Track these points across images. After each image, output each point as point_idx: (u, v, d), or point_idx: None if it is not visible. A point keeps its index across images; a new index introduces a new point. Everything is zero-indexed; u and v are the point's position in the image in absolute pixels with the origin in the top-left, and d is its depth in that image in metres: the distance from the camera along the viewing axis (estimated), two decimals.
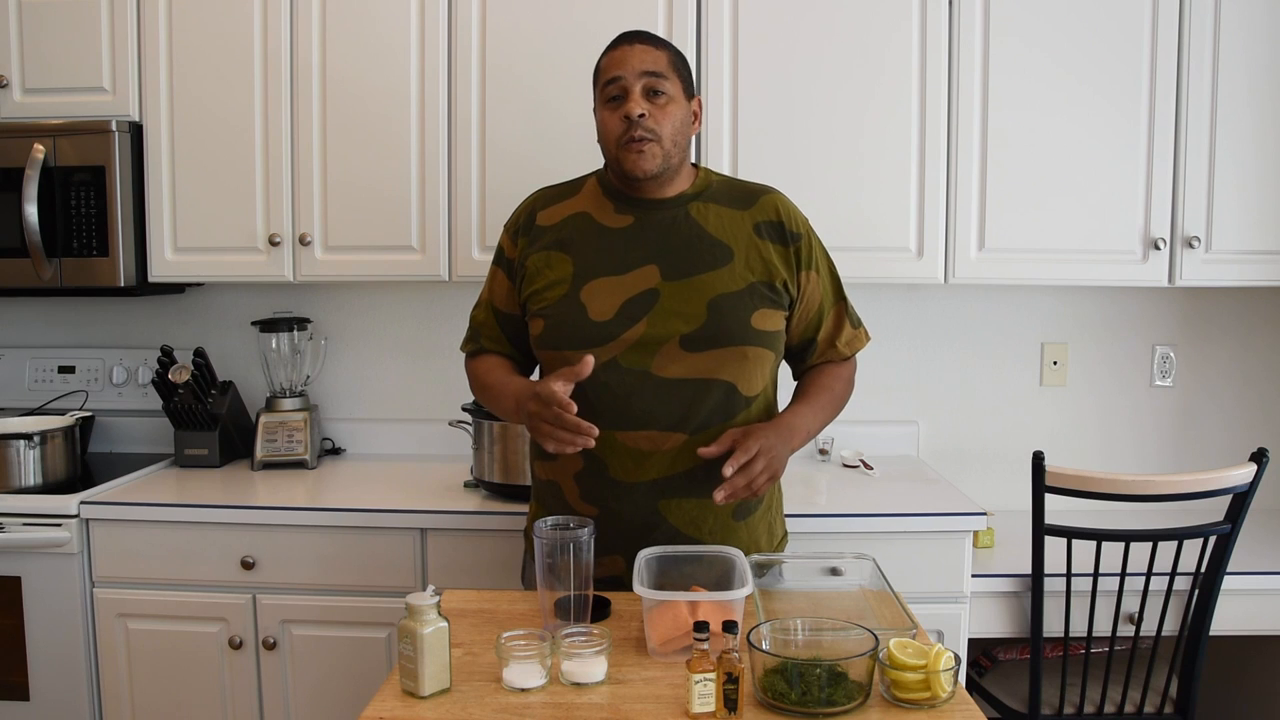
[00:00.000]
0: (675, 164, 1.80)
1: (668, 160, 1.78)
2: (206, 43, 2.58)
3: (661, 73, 1.77)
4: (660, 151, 1.76)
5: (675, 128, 1.78)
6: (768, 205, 1.85)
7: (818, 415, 1.86)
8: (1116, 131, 2.53)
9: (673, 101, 1.78)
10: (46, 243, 2.57)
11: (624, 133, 1.75)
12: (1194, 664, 2.28)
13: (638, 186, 1.81)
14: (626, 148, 1.75)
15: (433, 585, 1.65)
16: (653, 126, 1.74)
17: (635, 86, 1.75)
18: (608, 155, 1.82)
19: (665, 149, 1.77)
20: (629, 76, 1.75)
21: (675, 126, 1.78)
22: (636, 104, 1.74)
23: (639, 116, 1.73)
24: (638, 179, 1.78)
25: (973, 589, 2.34)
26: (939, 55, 2.51)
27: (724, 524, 1.80)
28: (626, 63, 1.76)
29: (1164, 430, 2.93)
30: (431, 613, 1.40)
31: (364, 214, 2.60)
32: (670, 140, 1.77)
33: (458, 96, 2.56)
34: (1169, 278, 2.56)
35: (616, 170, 1.81)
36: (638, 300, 1.76)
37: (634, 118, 1.73)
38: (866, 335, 1.96)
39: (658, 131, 1.75)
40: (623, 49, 1.79)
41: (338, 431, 2.97)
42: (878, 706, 1.37)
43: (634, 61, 1.76)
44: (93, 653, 2.41)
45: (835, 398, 1.91)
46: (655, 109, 1.75)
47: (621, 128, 1.75)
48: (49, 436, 2.53)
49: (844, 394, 1.94)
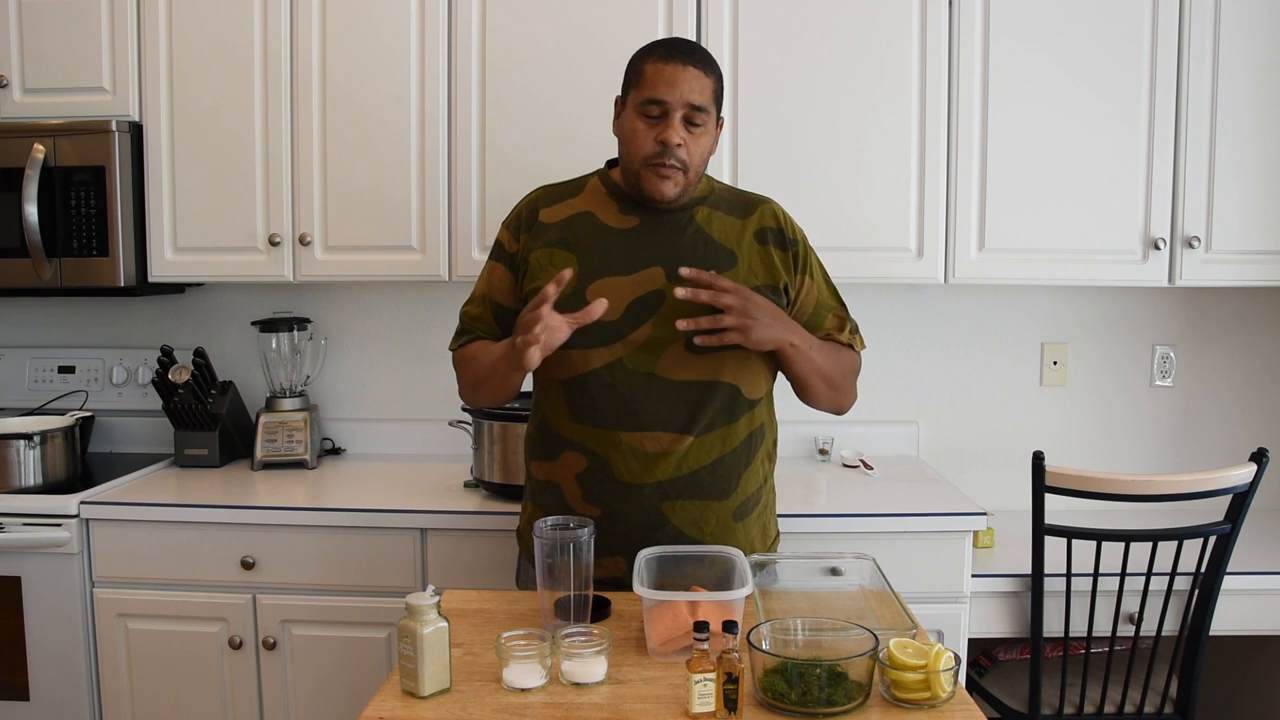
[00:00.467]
0: (691, 191, 1.81)
1: (687, 190, 1.79)
2: (206, 43, 2.58)
3: (704, 106, 1.74)
4: (684, 180, 1.76)
5: (703, 156, 1.78)
6: (766, 213, 1.87)
7: (817, 346, 1.81)
8: (1117, 131, 2.53)
9: (706, 134, 1.77)
10: (46, 243, 2.57)
11: (653, 155, 1.74)
12: (1194, 664, 2.28)
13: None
14: (653, 169, 1.74)
15: (433, 585, 1.65)
16: (684, 158, 1.74)
17: (677, 114, 1.72)
18: (629, 166, 1.79)
19: (689, 179, 1.77)
20: (674, 104, 1.72)
21: (703, 155, 1.78)
22: (675, 133, 1.72)
23: (676, 146, 1.72)
24: (655, 202, 1.78)
25: (973, 589, 2.34)
26: (939, 55, 2.51)
27: (725, 525, 1.81)
28: (676, 88, 1.72)
29: (1164, 430, 2.93)
30: (431, 613, 1.40)
31: (364, 214, 2.60)
32: (695, 171, 1.78)
33: (458, 96, 2.55)
34: (1169, 278, 2.56)
35: (633, 184, 1.80)
36: (645, 301, 1.76)
37: (671, 146, 1.72)
38: (862, 342, 1.95)
39: (688, 163, 1.75)
40: (674, 67, 1.72)
41: (338, 431, 2.97)
42: (878, 706, 1.37)
43: (683, 89, 1.72)
44: (93, 653, 2.41)
45: (836, 358, 1.86)
46: (690, 139, 1.74)
47: (653, 149, 1.74)
48: (49, 436, 2.53)
49: (845, 367, 1.89)
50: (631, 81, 1.78)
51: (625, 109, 1.79)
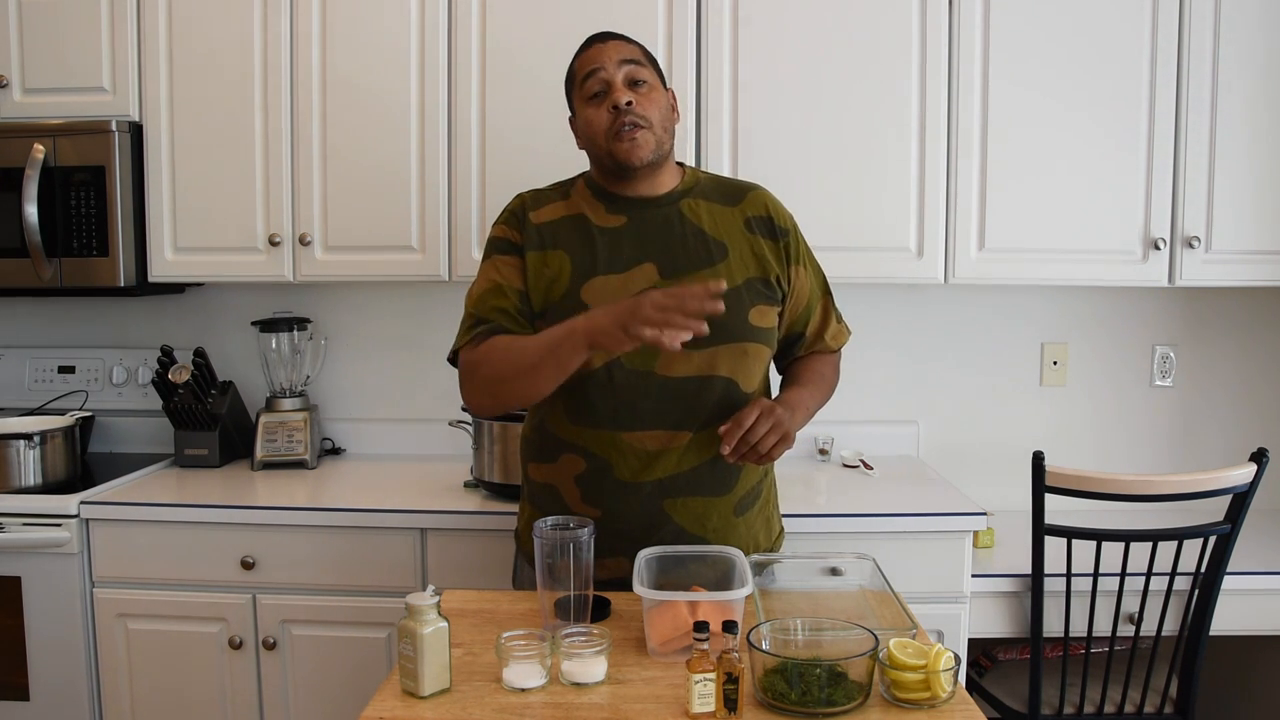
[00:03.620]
0: (666, 151, 1.81)
1: (660, 147, 1.78)
2: (206, 43, 2.58)
3: (639, 60, 1.79)
4: (653, 138, 1.76)
5: (662, 113, 1.79)
6: (756, 201, 1.86)
7: (815, 396, 1.88)
8: (1117, 131, 2.52)
9: (654, 89, 1.79)
10: (46, 243, 2.57)
11: (613, 123, 1.75)
12: (1194, 664, 2.28)
13: (629, 183, 1.80)
14: (618, 137, 1.75)
15: (433, 585, 1.64)
16: (642, 113, 1.75)
17: (617, 76, 1.76)
18: (597, 151, 1.80)
19: (657, 135, 1.77)
20: (609, 66, 1.76)
21: (662, 112, 1.79)
22: (623, 92, 1.75)
23: (627, 104, 1.74)
24: (633, 167, 1.76)
25: (973, 589, 2.34)
26: (939, 54, 2.51)
27: (726, 520, 1.81)
28: (603, 55, 1.78)
29: (1164, 430, 2.93)
30: (431, 613, 1.40)
31: (364, 214, 2.60)
32: (660, 126, 1.78)
33: (458, 96, 2.55)
34: (1169, 278, 2.56)
35: (609, 165, 1.79)
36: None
37: (622, 106, 1.73)
38: (848, 330, 1.98)
39: (648, 117, 1.75)
40: (595, 46, 1.80)
41: (338, 431, 2.97)
42: (878, 706, 1.37)
43: (610, 53, 1.78)
44: (93, 653, 2.41)
45: (828, 385, 1.94)
46: (640, 96, 1.76)
47: (609, 119, 1.75)
48: (49, 436, 2.53)
49: (834, 382, 1.96)
50: (569, 87, 1.85)
51: (576, 112, 1.83)
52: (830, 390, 1.94)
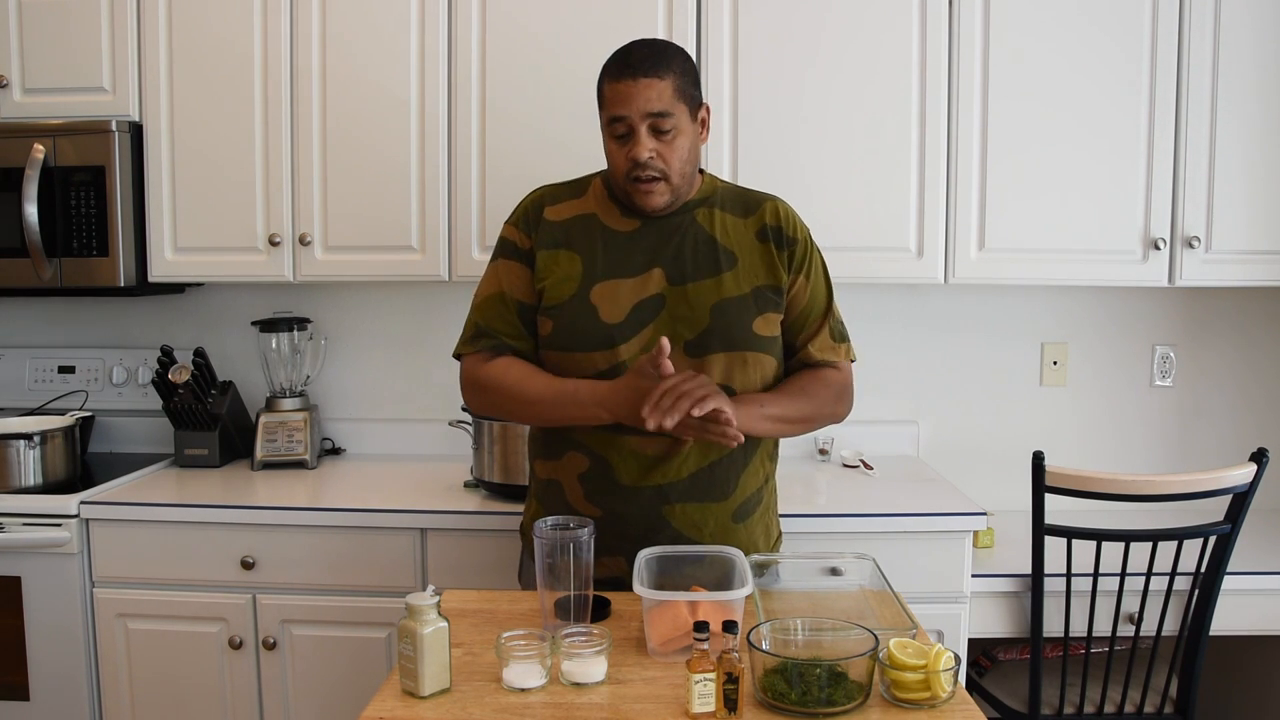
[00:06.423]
0: (685, 191, 1.80)
1: (676, 193, 1.78)
2: (206, 43, 2.58)
3: (666, 110, 1.71)
4: (669, 188, 1.76)
5: (683, 159, 1.76)
6: (769, 210, 1.85)
7: (781, 402, 1.79)
8: (1117, 131, 2.52)
9: (680, 134, 1.74)
10: (46, 243, 2.57)
11: (630, 171, 1.74)
12: (1194, 664, 2.28)
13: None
14: (634, 185, 1.75)
15: (433, 585, 1.65)
16: (661, 167, 1.73)
17: (641, 127, 1.71)
18: (615, 184, 1.81)
19: (674, 184, 1.76)
20: (634, 117, 1.71)
21: (683, 158, 1.76)
22: (643, 147, 1.71)
23: (648, 158, 1.72)
24: (645, 212, 1.79)
25: (973, 589, 2.34)
26: (939, 55, 2.51)
27: (725, 526, 1.81)
28: (631, 102, 1.70)
29: (1164, 430, 2.93)
30: (431, 613, 1.40)
31: (364, 214, 2.60)
32: (679, 174, 1.76)
33: (458, 96, 2.56)
34: (1169, 278, 2.56)
35: (625, 198, 1.81)
36: (647, 304, 1.77)
37: (642, 160, 1.72)
38: (850, 352, 1.91)
39: (665, 170, 1.74)
40: (626, 84, 1.71)
41: (338, 431, 2.97)
42: (878, 706, 1.37)
43: (639, 102, 1.70)
44: (93, 653, 2.41)
45: (808, 397, 1.83)
46: (662, 146, 1.73)
47: (628, 165, 1.74)
48: (49, 436, 2.53)
49: (823, 398, 1.86)
50: (599, 102, 1.79)
51: (602, 128, 1.79)
52: (814, 404, 1.84)
